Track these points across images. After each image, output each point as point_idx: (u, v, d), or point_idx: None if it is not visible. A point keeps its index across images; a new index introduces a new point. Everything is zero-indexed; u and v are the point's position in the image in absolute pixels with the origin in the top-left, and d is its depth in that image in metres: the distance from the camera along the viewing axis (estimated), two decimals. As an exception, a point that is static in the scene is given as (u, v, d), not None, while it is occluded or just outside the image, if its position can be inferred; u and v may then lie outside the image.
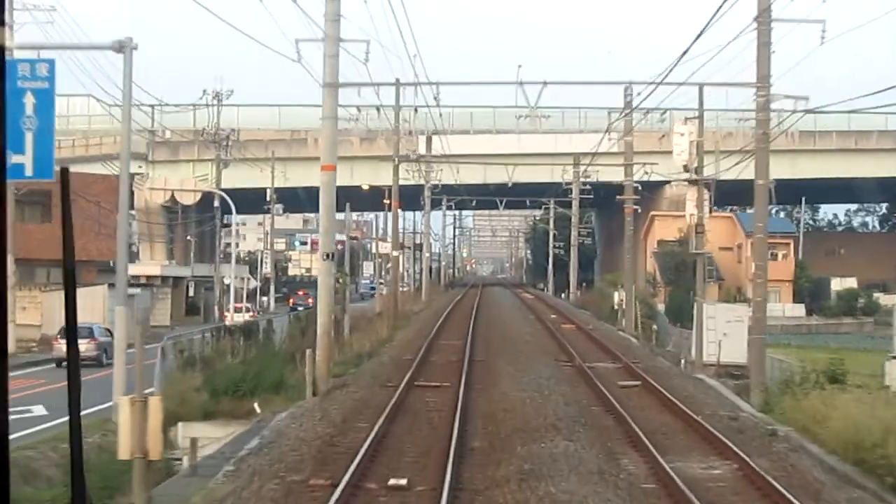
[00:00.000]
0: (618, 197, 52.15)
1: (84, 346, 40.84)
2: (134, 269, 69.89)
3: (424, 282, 78.11)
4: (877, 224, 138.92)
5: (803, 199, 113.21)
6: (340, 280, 47.48)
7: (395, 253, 52.80)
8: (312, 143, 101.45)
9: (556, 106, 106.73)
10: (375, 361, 35.44)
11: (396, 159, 47.88)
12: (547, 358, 35.76)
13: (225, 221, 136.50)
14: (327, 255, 27.28)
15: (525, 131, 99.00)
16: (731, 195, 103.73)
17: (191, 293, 78.67)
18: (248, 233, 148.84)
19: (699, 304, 38.78)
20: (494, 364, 33.34)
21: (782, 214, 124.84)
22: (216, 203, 71.90)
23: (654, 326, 50.48)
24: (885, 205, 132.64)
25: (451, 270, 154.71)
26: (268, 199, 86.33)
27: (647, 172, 54.34)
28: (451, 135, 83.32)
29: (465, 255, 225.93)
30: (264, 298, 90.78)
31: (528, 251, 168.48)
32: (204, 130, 72.35)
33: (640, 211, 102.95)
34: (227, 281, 73.90)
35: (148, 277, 64.61)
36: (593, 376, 29.61)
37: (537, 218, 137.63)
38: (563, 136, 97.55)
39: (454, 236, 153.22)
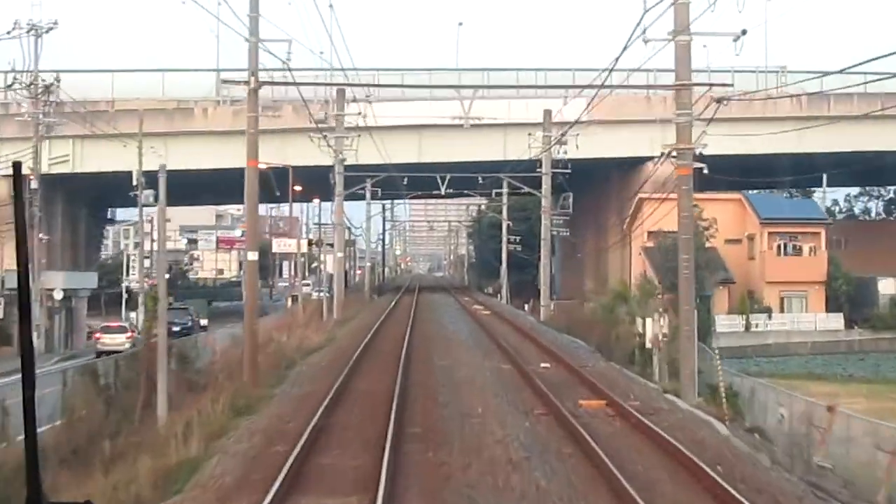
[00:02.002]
0: (664, 145, 28.42)
1: None
2: None
3: (336, 293, 55.89)
4: (881, 210, 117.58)
5: (825, 176, 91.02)
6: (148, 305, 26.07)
7: (251, 256, 27.94)
8: (200, 113, 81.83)
9: (511, 68, 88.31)
10: None
11: (252, 80, 25.87)
12: None
13: (109, 216, 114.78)
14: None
15: (470, 97, 79.76)
16: (742, 172, 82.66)
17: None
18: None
19: None
20: None
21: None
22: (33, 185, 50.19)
23: (783, 413, 26.72)
24: (892, 188, 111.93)
25: (382, 270, 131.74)
26: (134, 183, 65.37)
27: (719, 102, 31.07)
28: (378, 102, 63.89)
29: (398, 252, 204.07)
30: (132, 315, 68.80)
31: (472, 247, 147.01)
32: (14, 79, 50.20)
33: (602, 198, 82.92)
34: (56, 296, 51.95)
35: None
36: None
37: (482, 207, 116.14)
38: (519, 101, 78.82)
39: (383, 230, 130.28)
